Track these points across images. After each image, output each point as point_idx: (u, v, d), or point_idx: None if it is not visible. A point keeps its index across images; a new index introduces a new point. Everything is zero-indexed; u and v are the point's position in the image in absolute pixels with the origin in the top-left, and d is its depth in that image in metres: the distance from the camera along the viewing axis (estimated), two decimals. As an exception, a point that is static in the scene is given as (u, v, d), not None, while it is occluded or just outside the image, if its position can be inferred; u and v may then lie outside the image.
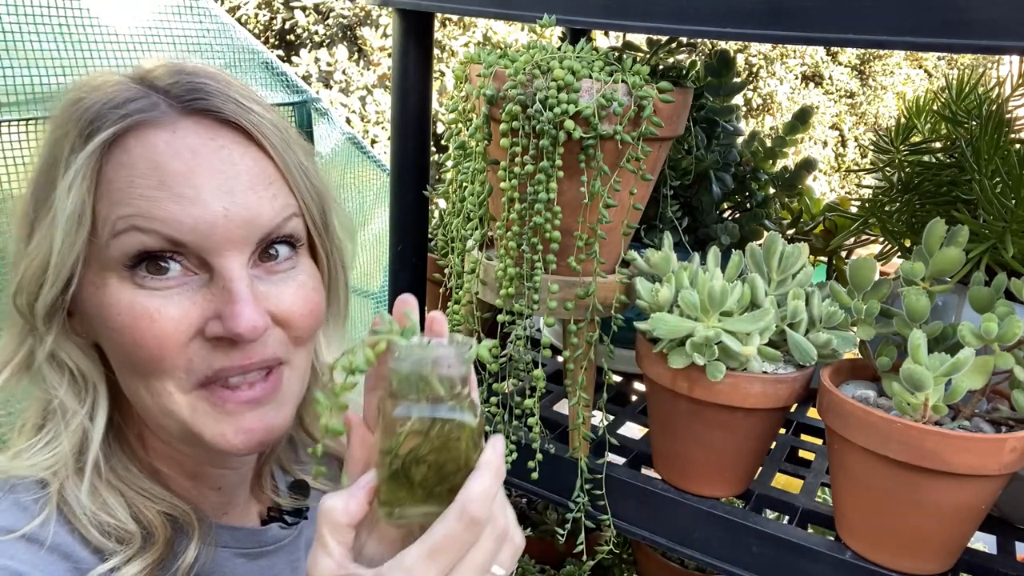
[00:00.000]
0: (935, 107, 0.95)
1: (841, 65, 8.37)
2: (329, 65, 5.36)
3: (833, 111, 8.25)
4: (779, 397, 0.74)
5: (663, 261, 0.78)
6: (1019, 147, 0.81)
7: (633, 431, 1.03)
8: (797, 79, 8.16)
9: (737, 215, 1.08)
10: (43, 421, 0.62)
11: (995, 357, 0.66)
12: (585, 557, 0.88)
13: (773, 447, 0.97)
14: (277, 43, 5.99)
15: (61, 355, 0.61)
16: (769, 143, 1.10)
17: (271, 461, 0.78)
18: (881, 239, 0.96)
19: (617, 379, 1.13)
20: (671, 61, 0.95)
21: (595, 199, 0.75)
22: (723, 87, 1.06)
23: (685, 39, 0.92)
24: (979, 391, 0.68)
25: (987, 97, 0.87)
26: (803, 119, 1.09)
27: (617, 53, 0.78)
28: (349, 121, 5.06)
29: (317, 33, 5.81)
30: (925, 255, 0.74)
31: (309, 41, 5.83)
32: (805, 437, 1.06)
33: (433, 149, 1.11)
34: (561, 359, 0.94)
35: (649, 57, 0.96)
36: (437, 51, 5.42)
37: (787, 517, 0.82)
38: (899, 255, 0.93)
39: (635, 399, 1.16)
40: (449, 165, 0.87)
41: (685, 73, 0.85)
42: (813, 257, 1.08)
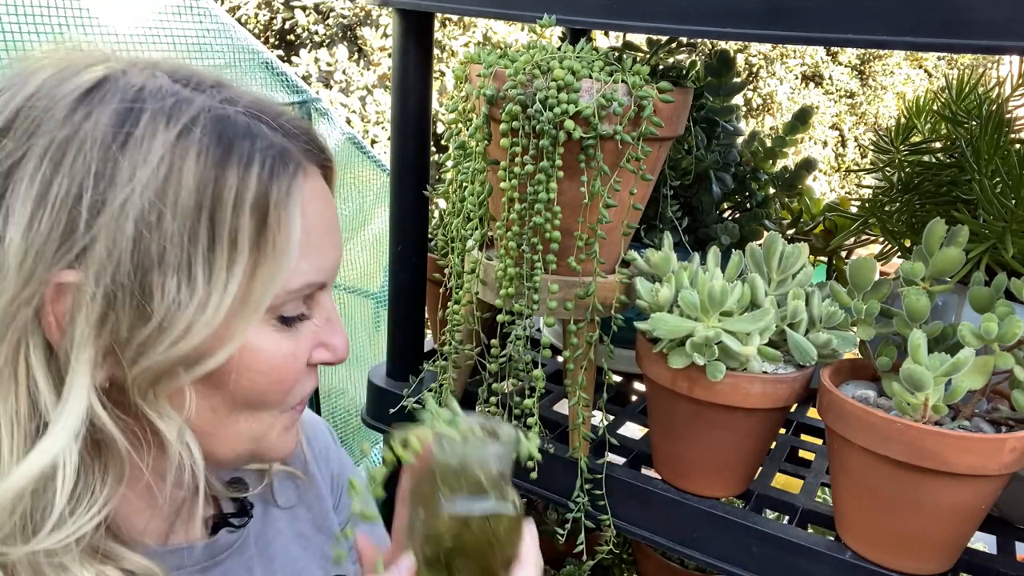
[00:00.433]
0: (935, 107, 0.95)
1: (841, 65, 8.37)
2: (329, 65, 5.36)
3: (833, 111, 8.25)
4: (779, 397, 0.74)
5: (663, 261, 0.78)
6: (1019, 147, 0.81)
7: (633, 431, 1.03)
8: (797, 79, 8.16)
9: (737, 215, 1.08)
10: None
11: (995, 357, 0.66)
12: (585, 557, 0.88)
13: (773, 447, 0.97)
14: (277, 43, 5.99)
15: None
16: (769, 143, 1.10)
17: None
18: (881, 239, 0.96)
19: (617, 379, 1.13)
20: (671, 61, 0.95)
21: (595, 199, 0.75)
22: (723, 87, 1.06)
23: (685, 39, 0.92)
24: (979, 391, 0.68)
25: (987, 97, 0.87)
26: (803, 119, 1.10)
27: (617, 53, 0.78)
28: (349, 121, 5.06)
29: (317, 33, 5.81)
30: (925, 255, 0.74)
31: (309, 41, 5.83)
32: (805, 437, 1.06)
33: (433, 149, 1.11)
34: (561, 359, 0.94)
35: (649, 57, 0.96)
36: (437, 51, 5.42)
37: (787, 517, 0.82)
38: (899, 255, 0.93)
39: (635, 399, 1.16)
40: (449, 165, 0.87)
41: (685, 73, 0.85)
42: (813, 257, 1.08)
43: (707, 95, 1.06)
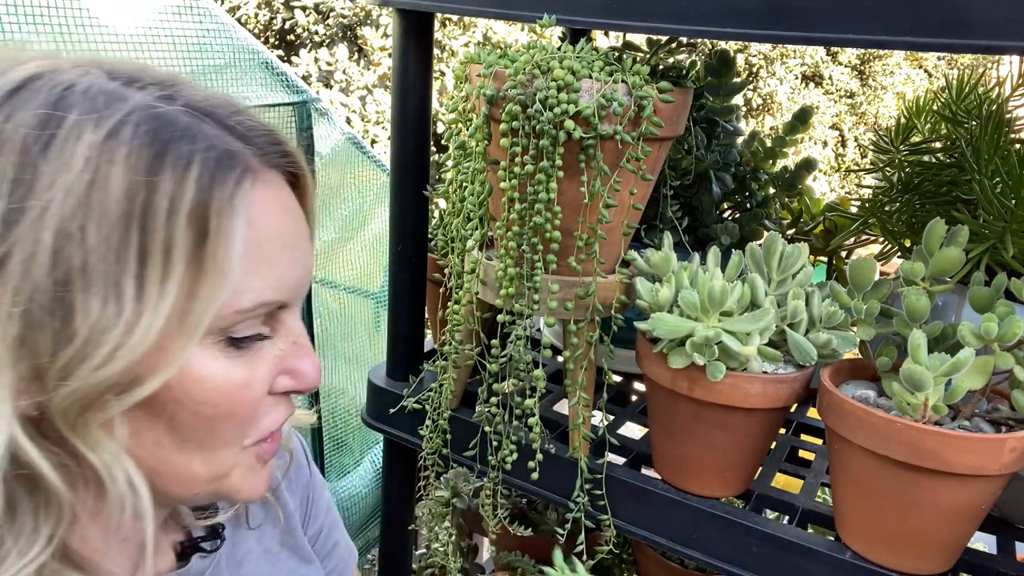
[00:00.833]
0: (935, 107, 0.95)
1: (841, 65, 8.37)
2: (329, 65, 5.36)
3: (833, 111, 8.25)
4: (779, 397, 0.74)
5: (663, 261, 0.78)
6: (1019, 147, 0.81)
7: (633, 431, 1.03)
8: (797, 79, 8.16)
9: (737, 215, 1.08)
10: None
11: (995, 357, 0.66)
12: (585, 557, 0.88)
13: (773, 447, 0.97)
14: (277, 43, 5.99)
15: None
16: (769, 143, 1.10)
17: None
18: (881, 239, 0.96)
19: (617, 379, 1.13)
20: (671, 61, 0.95)
21: (595, 199, 0.75)
22: (723, 87, 1.06)
23: (685, 39, 0.92)
24: (979, 391, 0.68)
25: (987, 97, 0.87)
26: (803, 119, 1.10)
27: (617, 53, 0.78)
28: (349, 121, 5.06)
29: (317, 33, 5.81)
30: (925, 255, 0.74)
31: (309, 41, 5.83)
32: (805, 437, 1.06)
33: (433, 149, 1.11)
34: (561, 359, 0.94)
35: (649, 57, 0.96)
36: (437, 51, 5.42)
37: (787, 517, 0.82)
38: (899, 255, 0.93)
39: (635, 399, 1.16)
40: (449, 165, 0.87)
41: (685, 73, 0.85)
42: (813, 257, 1.08)
43: (707, 95, 1.06)
